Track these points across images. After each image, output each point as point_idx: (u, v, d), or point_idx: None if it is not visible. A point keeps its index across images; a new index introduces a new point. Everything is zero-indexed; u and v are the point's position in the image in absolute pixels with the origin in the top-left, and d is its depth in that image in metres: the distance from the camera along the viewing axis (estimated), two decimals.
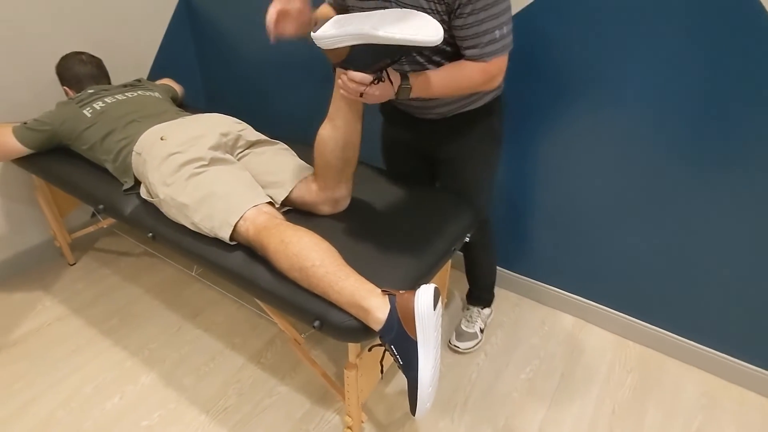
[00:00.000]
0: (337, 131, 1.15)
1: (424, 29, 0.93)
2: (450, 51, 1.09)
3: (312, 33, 1.02)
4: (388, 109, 1.38)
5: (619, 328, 1.66)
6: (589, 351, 1.62)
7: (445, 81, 1.09)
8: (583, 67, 1.32)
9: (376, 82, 1.04)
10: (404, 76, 1.06)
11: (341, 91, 1.07)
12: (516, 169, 1.59)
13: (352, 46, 0.98)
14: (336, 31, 0.96)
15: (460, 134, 1.27)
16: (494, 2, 0.99)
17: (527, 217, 1.66)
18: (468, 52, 1.06)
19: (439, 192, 1.39)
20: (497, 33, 1.03)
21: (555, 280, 1.74)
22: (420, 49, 1.08)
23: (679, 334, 1.56)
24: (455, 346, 1.59)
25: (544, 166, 1.54)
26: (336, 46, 0.99)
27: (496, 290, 1.70)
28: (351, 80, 1.02)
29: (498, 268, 1.73)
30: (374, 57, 1.00)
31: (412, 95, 1.08)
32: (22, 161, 1.58)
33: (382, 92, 1.05)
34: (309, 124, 1.18)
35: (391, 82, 1.05)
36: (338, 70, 1.07)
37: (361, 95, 1.04)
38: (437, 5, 1.01)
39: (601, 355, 1.61)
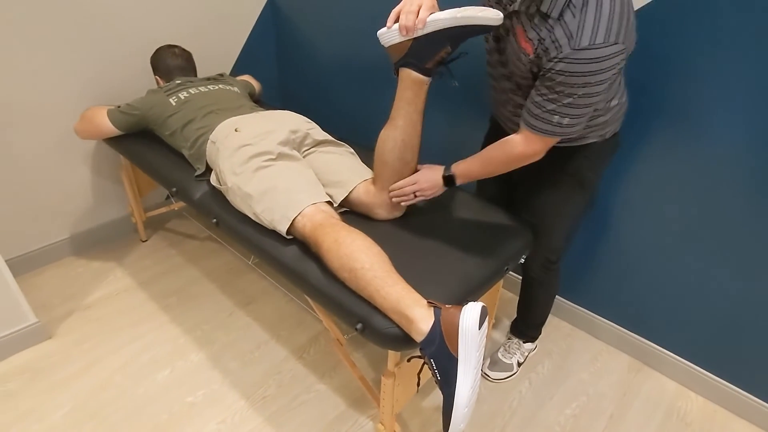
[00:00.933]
0: (396, 130, 1.17)
1: (484, 11, 0.98)
2: None
3: (378, 32, 1.05)
4: (493, 119, 1.38)
5: (682, 376, 1.53)
6: (643, 396, 1.51)
7: (483, 160, 1.13)
8: (671, 100, 1.24)
9: (439, 77, 1.09)
10: (447, 167, 1.18)
11: (394, 200, 1.23)
12: None
13: (414, 39, 1.02)
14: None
15: (542, 167, 1.19)
16: (570, 95, 0.94)
17: (589, 244, 1.58)
18: (523, 110, 1.04)
19: (497, 210, 1.35)
20: (556, 118, 0.98)
21: (613, 314, 1.64)
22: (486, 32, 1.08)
23: (752, 392, 1.41)
24: (486, 374, 1.53)
25: (613, 196, 1.46)
26: (399, 41, 1.03)
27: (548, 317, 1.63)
28: (400, 188, 1.20)
29: None
30: (435, 45, 1.04)
31: (458, 182, 1.17)
32: (112, 141, 1.72)
33: (431, 183, 1.18)
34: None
35: (451, 75, 1.09)
36: (400, 76, 1.09)
37: (415, 195, 1.20)
38: (530, 62, 0.99)
39: (658, 402, 1.49)
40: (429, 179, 1.19)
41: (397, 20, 1.04)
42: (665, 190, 1.35)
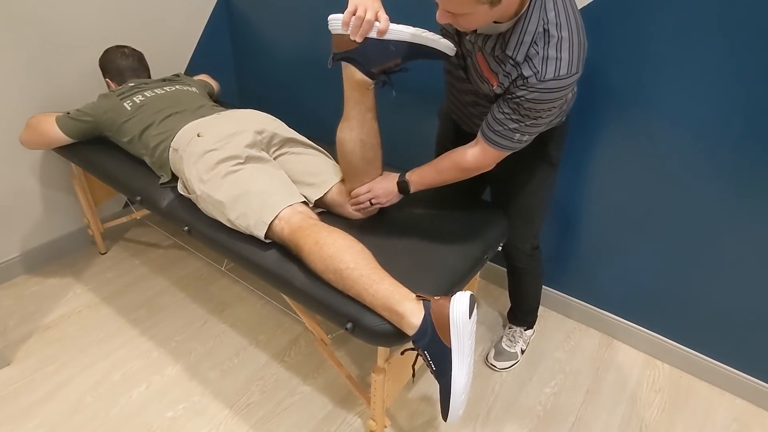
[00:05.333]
0: (353, 132, 1.15)
1: (442, 39, 1.00)
2: None
3: (330, 16, 1.01)
4: (443, 114, 1.38)
5: (649, 347, 1.63)
6: (616, 369, 1.59)
7: (436, 169, 1.16)
8: (622, 85, 1.30)
9: (381, 85, 1.06)
10: (402, 174, 1.19)
11: (353, 208, 1.24)
12: None
13: (366, 38, 0.99)
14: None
15: (514, 158, 1.17)
16: (535, 117, 0.98)
17: (554, 228, 1.64)
18: (482, 123, 1.07)
19: (471, 200, 1.38)
20: (517, 136, 1.03)
21: (582, 294, 1.71)
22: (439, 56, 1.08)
23: (712, 356, 1.51)
24: (492, 364, 1.56)
25: (575, 179, 1.52)
26: (347, 32, 0.99)
27: None
28: (356, 197, 1.21)
29: None
30: (386, 54, 1.01)
31: (413, 189, 1.19)
32: (64, 150, 1.62)
33: (385, 191, 1.19)
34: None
35: (392, 86, 1.09)
36: (345, 74, 1.07)
37: (371, 203, 1.20)
38: (492, 89, 1.03)
39: (629, 373, 1.57)
40: (383, 187, 1.20)
41: (353, 14, 0.98)
42: (620, 172, 1.42)
